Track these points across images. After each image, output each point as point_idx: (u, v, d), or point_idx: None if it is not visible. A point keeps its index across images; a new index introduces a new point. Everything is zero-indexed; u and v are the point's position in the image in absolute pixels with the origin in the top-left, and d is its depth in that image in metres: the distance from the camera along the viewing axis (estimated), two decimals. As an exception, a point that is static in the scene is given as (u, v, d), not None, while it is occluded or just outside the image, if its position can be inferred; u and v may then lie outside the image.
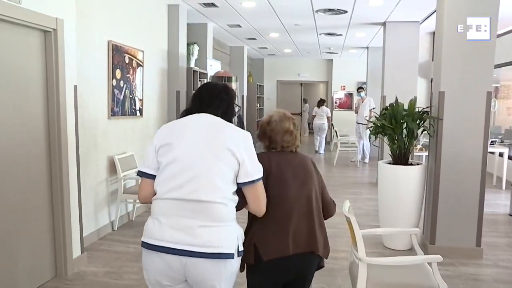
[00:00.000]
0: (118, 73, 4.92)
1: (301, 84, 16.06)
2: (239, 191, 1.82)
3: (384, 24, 7.91)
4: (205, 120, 1.80)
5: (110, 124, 4.87)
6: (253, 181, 1.78)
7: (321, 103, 12.13)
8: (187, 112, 1.87)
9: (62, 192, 3.56)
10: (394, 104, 4.38)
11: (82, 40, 4.21)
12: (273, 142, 2.10)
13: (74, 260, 3.75)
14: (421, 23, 7.63)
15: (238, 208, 1.83)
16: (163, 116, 6.30)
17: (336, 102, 14.62)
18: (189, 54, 6.99)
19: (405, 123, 4.23)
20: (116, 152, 4.99)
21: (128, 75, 5.18)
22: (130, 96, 5.25)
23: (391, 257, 2.93)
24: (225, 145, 1.73)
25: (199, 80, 7.09)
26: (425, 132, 4.42)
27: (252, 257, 1.91)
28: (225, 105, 1.87)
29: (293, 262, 1.94)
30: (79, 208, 3.83)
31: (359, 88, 10.61)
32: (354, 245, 2.60)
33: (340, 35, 9.45)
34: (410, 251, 4.16)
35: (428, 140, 4.67)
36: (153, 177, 1.78)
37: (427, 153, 5.60)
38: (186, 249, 1.67)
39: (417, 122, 4.22)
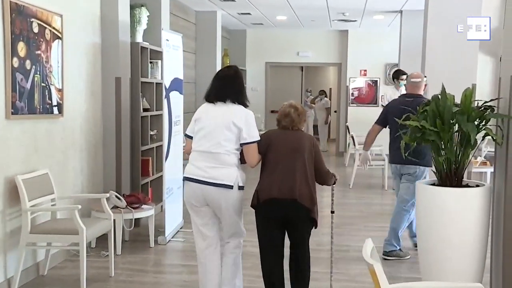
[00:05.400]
0: (21, 48, 4.88)
1: (302, 68, 16.15)
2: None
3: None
4: (221, 105, 4.24)
5: (11, 128, 4.83)
6: (246, 143, 4.18)
7: (323, 93, 16.15)
8: (208, 95, 4.35)
9: None
10: (439, 96, 4.40)
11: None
12: (279, 122, 4.36)
13: None
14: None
15: (242, 161, 4.29)
16: (95, 114, 6.31)
17: (352, 94, 14.62)
18: (134, 22, 6.98)
19: (457, 125, 4.27)
20: (20, 171, 4.95)
21: (39, 52, 5.16)
22: (43, 84, 5.24)
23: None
24: (231, 120, 4.15)
25: (150, 62, 7.00)
26: (489, 137, 4.42)
27: (255, 200, 4.19)
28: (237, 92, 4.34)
29: (279, 204, 4.12)
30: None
31: (397, 73, 9.28)
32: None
33: (359, -6, 9.49)
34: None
35: (493, 150, 4.68)
36: (192, 137, 4.34)
37: (492, 169, 5.59)
38: (202, 179, 4.15)
39: (476, 122, 4.25)
